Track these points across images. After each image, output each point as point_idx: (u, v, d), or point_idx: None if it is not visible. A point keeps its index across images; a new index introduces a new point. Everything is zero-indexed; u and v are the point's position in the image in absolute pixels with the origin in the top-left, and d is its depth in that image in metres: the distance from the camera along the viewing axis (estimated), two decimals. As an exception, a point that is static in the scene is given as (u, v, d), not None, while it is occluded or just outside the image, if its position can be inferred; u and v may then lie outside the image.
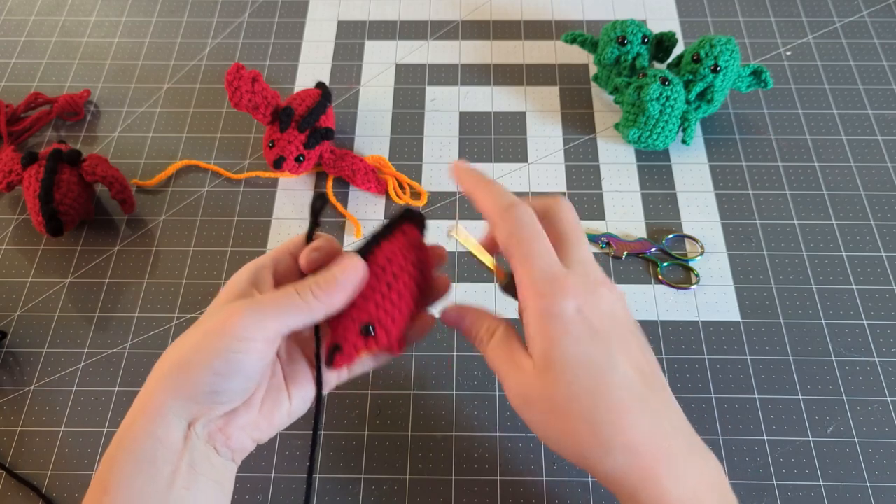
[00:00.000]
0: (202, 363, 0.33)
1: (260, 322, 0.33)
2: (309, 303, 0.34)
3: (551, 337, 0.33)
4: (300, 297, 0.34)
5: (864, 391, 0.51)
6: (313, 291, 0.35)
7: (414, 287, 0.38)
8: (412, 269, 0.38)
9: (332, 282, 0.35)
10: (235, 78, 0.57)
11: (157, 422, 0.34)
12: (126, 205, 0.58)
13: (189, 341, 0.35)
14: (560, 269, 0.34)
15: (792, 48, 0.69)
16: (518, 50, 0.70)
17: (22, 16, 0.74)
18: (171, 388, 0.34)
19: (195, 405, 0.34)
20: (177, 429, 0.34)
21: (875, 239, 0.57)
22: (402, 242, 0.38)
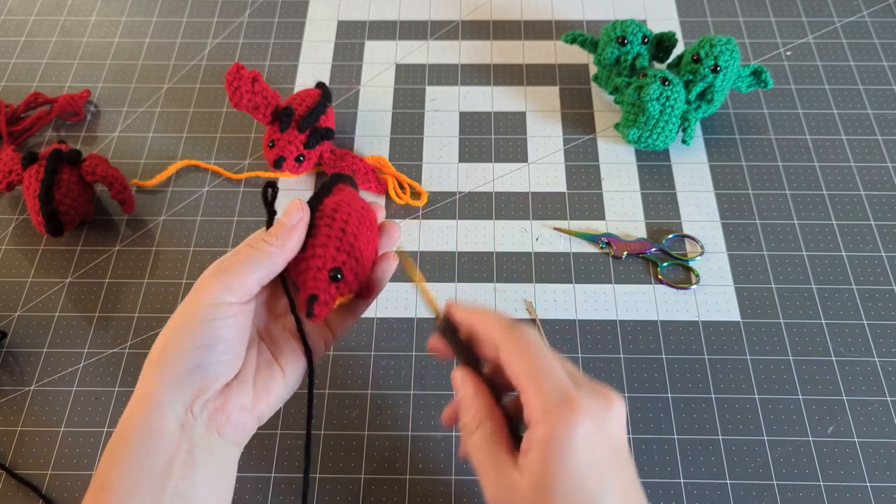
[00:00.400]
0: (182, 340, 0.34)
1: (225, 283, 0.35)
2: (264, 250, 0.36)
3: (554, 465, 0.31)
4: (255, 248, 0.36)
5: (864, 391, 0.51)
6: (266, 239, 0.36)
7: (366, 230, 0.39)
8: (359, 215, 0.39)
9: (279, 225, 0.37)
10: (235, 78, 0.57)
11: (152, 412, 0.34)
12: (126, 205, 0.58)
13: (169, 325, 0.36)
14: (571, 388, 0.32)
15: (792, 48, 0.69)
16: (518, 50, 0.70)
17: (22, 16, 0.74)
18: (159, 374, 0.34)
19: (186, 386, 0.34)
20: (172, 417, 0.34)
21: (875, 239, 0.57)
22: (341, 196, 0.40)
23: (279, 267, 0.37)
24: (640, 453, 0.49)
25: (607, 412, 0.32)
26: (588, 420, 0.31)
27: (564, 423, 0.31)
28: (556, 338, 0.53)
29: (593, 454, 0.31)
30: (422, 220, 0.59)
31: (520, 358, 0.34)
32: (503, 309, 0.55)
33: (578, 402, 0.31)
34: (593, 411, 0.32)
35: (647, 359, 0.52)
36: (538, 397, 0.32)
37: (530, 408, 0.32)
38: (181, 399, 0.34)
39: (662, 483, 0.48)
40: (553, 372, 0.33)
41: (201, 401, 0.35)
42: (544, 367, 0.33)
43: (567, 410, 0.31)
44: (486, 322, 0.36)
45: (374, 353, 0.53)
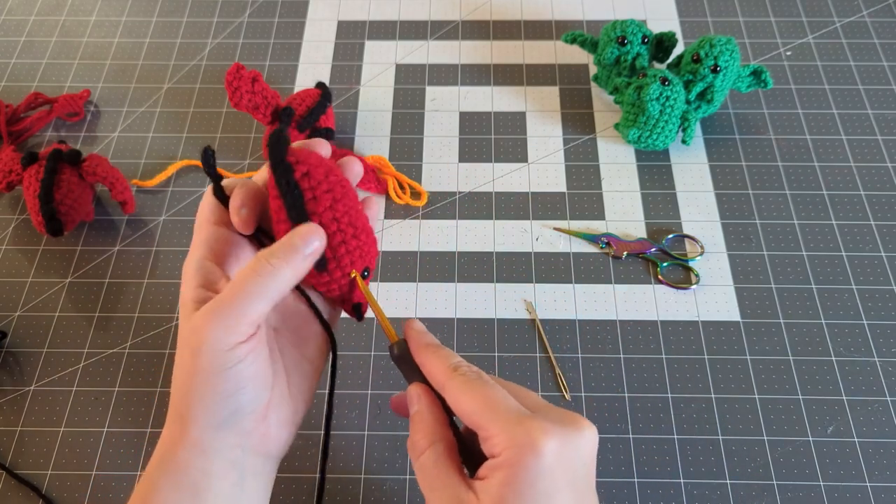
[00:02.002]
0: (208, 394, 0.32)
1: (225, 326, 0.31)
2: (268, 274, 0.31)
3: (515, 490, 0.30)
4: (257, 273, 0.31)
5: (864, 391, 0.51)
6: (272, 262, 0.32)
7: (359, 208, 0.36)
8: (351, 196, 0.35)
9: (290, 248, 0.32)
10: (235, 78, 0.57)
11: (204, 456, 0.33)
12: (126, 205, 0.58)
13: (185, 371, 0.32)
14: (526, 413, 0.31)
15: (792, 48, 0.69)
16: (518, 50, 0.70)
17: (22, 16, 0.74)
18: (195, 425, 0.33)
19: (228, 429, 0.33)
20: (225, 460, 0.33)
21: (875, 239, 0.57)
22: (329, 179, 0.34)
23: (285, 293, 0.32)
24: (640, 453, 0.49)
25: (574, 439, 0.31)
26: (552, 447, 0.30)
27: (528, 450, 0.30)
28: (556, 338, 0.53)
29: (554, 482, 0.30)
30: (422, 220, 0.59)
31: (467, 397, 0.32)
32: (502, 310, 0.55)
33: (539, 430, 0.30)
34: (557, 438, 0.30)
35: (647, 359, 0.52)
36: (496, 428, 0.31)
37: (490, 441, 0.31)
38: (227, 440, 0.33)
39: (662, 483, 0.48)
40: (505, 402, 0.32)
41: (245, 436, 0.33)
42: (495, 399, 0.32)
43: (525, 434, 0.30)
44: (430, 365, 0.34)
45: (374, 353, 0.53)
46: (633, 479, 0.48)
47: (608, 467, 0.48)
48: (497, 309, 0.55)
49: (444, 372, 0.33)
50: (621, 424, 0.50)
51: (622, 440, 0.49)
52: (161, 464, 0.34)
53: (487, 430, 0.31)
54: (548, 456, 0.30)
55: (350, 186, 0.35)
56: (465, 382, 0.32)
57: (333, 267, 0.35)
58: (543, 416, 0.31)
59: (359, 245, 0.35)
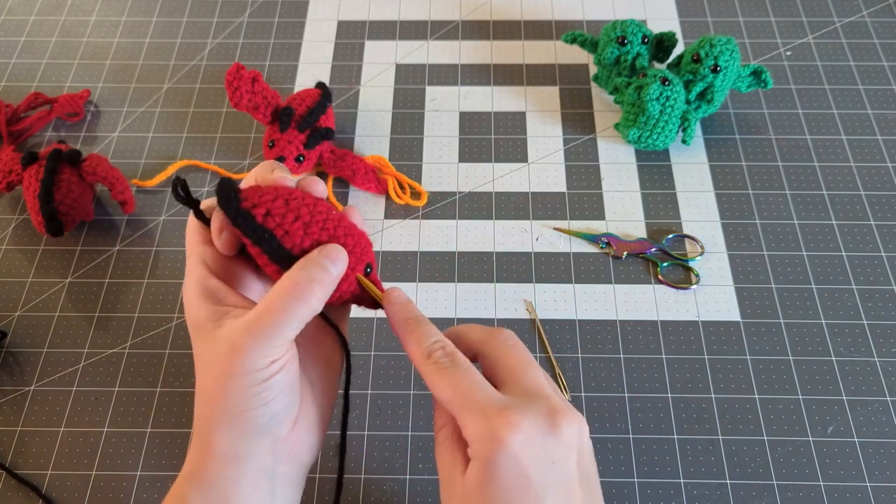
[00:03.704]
0: (245, 404, 0.32)
1: (268, 345, 0.31)
2: (305, 301, 0.32)
3: (480, 480, 0.31)
4: (295, 298, 0.32)
5: (864, 391, 0.51)
6: (313, 291, 0.32)
7: (341, 221, 0.35)
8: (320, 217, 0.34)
9: (325, 273, 0.33)
10: (235, 78, 0.57)
11: (234, 465, 0.33)
12: (126, 205, 0.58)
13: (216, 385, 0.32)
14: (495, 407, 0.31)
15: (792, 48, 0.69)
16: (518, 50, 0.70)
17: (22, 16, 0.74)
18: (232, 434, 0.33)
19: (262, 438, 0.33)
20: (257, 468, 0.33)
21: (875, 239, 0.57)
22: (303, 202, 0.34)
23: (318, 311, 0.33)
24: (640, 453, 0.49)
25: (550, 434, 0.31)
26: (519, 439, 0.30)
27: (490, 441, 0.31)
28: (556, 338, 0.53)
29: (523, 472, 0.30)
30: (422, 220, 0.59)
31: (439, 386, 0.33)
32: (502, 311, 0.55)
33: (505, 426, 0.30)
34: (527, 430, 0.31)
35: (647, 359, 0.52)
36: (465, 420, 0.32)
37: (464, 431, 0.32)
38: (261, 448, 0.33)
39: (662, 483, 0.48)
40: (476, 394, 0.32)
41: (279, 442, 0.33)
42: (466, 389, 0.32)
43: (489, 430, 0.31)
44: (406, 346, 0.35)
45: (374, 353, 0.53)
46: (633, 479, 0.48)
47: (608, 467, 0.48)
48: (497, 309, 0.55)
49: (419, 358, 0.34)
50: (621, 424, 0.50)
51: (622, 440, 0.49)
52: (190, 478, 0.33)
53: (459, 421, 0.32)
54: (513, 448, 0.30)
55: (316, 199, 0.35)
56: (437, 371, 0.33)
57: None
58: (520, 407, 0.31)
59: (352, 248, 0.35)
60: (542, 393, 0.33)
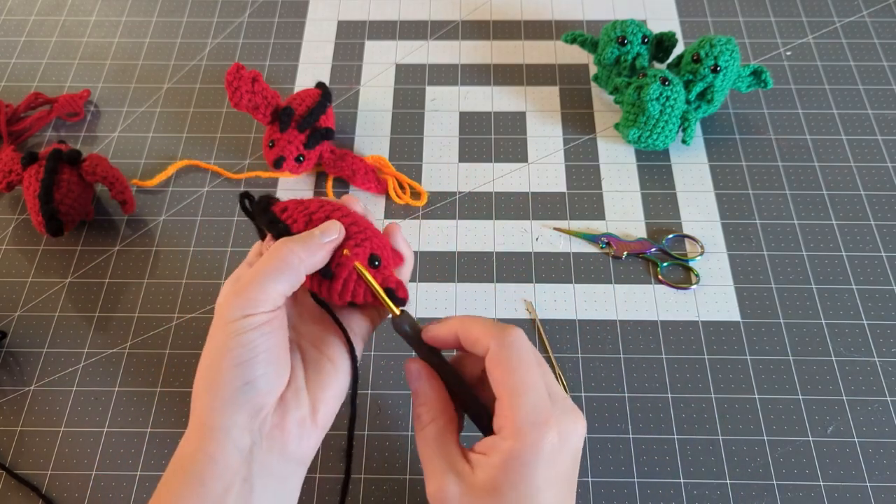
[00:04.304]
0: (221, 362, 0.33)
1: (245, 297, 0.33)
2: (287, 261, 0.34)
3: (514, 478, 0.32)
4: (277, 258, 0.34)
5: (864, 391, 0.51)
6: (293, 249, 0.35)
7: (360, 217, 0.39)
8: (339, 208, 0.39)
9: (311, 237, 0.35)
10: (235, 78, 0.57)
11: (205, 438, 0.33)
12: (126, 205, 0.58)
13: (204, 353, 0.34)
14: (548, 410, 0.33)
15: (792, 48, 0.69)
16: (518, 50, 0.70)
17: (22, 16, 0.74)
18: (208, 401, 0.33)
19: (238, 406, 0.33)
20: (228, 441, 0.33)
21: (875, 239, 0.57)
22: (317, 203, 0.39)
23: (301, 279, 0.35)
24: (640, 453, 0.49)
25: (572, 432, 0.33)
26: (555, 440, 0.32)
27: (534, 443, 0.32)
28: (556, 338, 0.53)
29: (554, 471, 0.32)
30: (422, 220, 0.59)
31: (505, 369, 0.34)
32: (502, 312, 0.55)
33: (552, 425, 0.32)
34: (562, 431, 0.33)
35: (647, 359, 0.52)
36: (515, 412, 0.33)
37: (504, 418, 0.33)
38: (236, 421, 0.33)
39: (662, 483, 0.48)
40: (536, 391, 0.33)
41: (258, 420, 0.33)
42: (528, 383, 0.33)
43: (539, 435, 0.32)
44: (476, 326, 0.35)
45: (374, 353, 0.53)
46: (633, 479, 0.48)
47: (608, 467, 0.48)
48: (497, 309, 0.55)
49: (501, 336, 0.34)
50: (621, 424, 0.50)
51: (622, 440, 0.49)
52: (176, 457, 0.34)
53: (507, 411, 0.33)
54: (546, 452, 0.32)
55: (330, 201, 0.39)
56: (510, 350, 0.34)
57: (335, 266, 0.36)
58: (555, 413, 0.33)
59: (356, 237, 0.37)
60: (545, 419, 0.33)
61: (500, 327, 0.35)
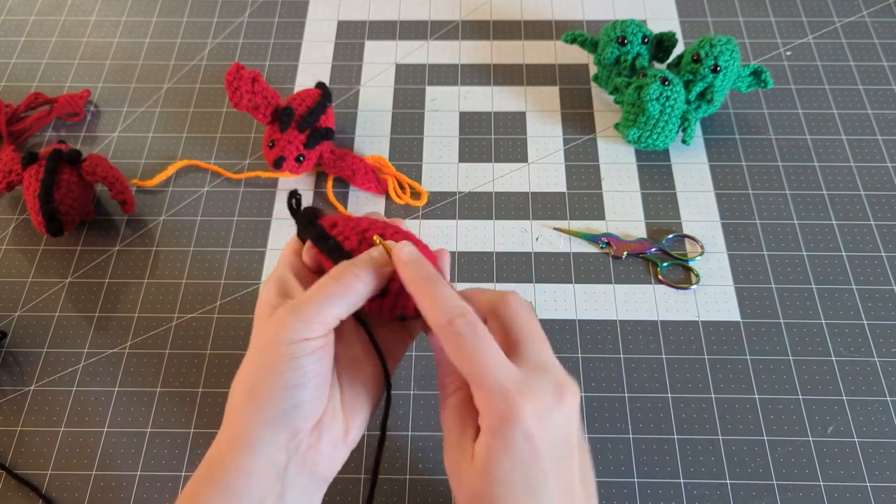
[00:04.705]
0: (272, 381, 0.33)
1: (304, 321, 0.33)
2: (350, 286, 0.34)
3: (493, 453, 0.32)
4: (339, 281, 0.34)
5: (864, 391, 0.51)
6: (356, 273, 0.34)
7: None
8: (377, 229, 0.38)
9: (371, 259, 0.35)
10: (235, 78, 0.57)
11: (244, 452, 0.33)
12: (126, 205, 0.58)
13: (251, 364, 0.34)
14: (513, 384, 0.32)
15: (792, 48, 0.69)
16: (518, 50, 0.70)
17: (22, 16, 0.74)
18: (251, 415, 0.33)
19: (282, 427, 0.33)
20: (265, 459, 0.33)
21: (875, 239, 0.57)
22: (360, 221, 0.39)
23: (361, 301, 0.35)
24: (640, 453, 0.49)
25: (557, 408, 0.32)
26: (531, 415, 0.31)
27: (503, 422, 0.32)
28: (556, 338, 0.53)
29: (534, 449, 0.32)
30: (422, 220, 0.59)
31: (459, 357, 0.33)
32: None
33: (517, 399, 0.32)
34: (537, 404, 0.32)
35: (647, 359, 0.52)
36: (481, 395, 0.32)
37: (477, 402, 0.33)
38: (276, 440, 0.33)
39: (662, 483, 0.48)
40: (495, 370, 0.32)
41: (295, 440, 0.33)
42: (485, 365, 0.32)
43: (508, 409, 0.31)
44: (426, 309, 0.34)
45: (374, 353, 0.53)
46: (633, 479, 0.48)
47: (608, 467, 0.48)
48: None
49: (440, 324, 0.33)
50: (621, 424, 0.50)
51: (622, 440, 0.49)
52: (205, 471, 0.34)
53: (474, 391, 0.33)
54: (527, 423, 0.31)
55: (380, 219, 0.39)
56: (456, 340, 0.33)
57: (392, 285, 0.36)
58: (533, 384, 0.32)
59: None
60: (551, 367, 0.34)
61: (448, 316, 0.34)
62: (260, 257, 0.57)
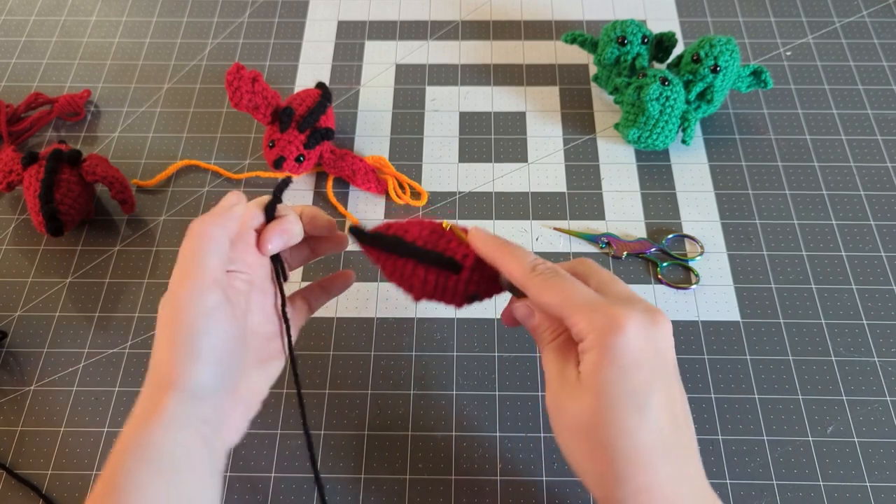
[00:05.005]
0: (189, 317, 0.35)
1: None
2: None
3: (598, 364, 0.33)
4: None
5: (864, 391, 0.51)
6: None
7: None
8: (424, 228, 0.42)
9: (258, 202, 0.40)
10: (235, 78, 0.57)
11: (174, 424, 0.34)
12: (126, 205, 0.58)
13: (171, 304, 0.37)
14: (607, 302, 0.34)
15: (792, 48, 0.69)
16: (518, 50, 0.70)
17: (22, 16, 0.74)
18: (182, 384, 0.34)
19: (205, 399, 0.35)
20: (193, 430, 0.34)
21: (875, 239, 0.57)
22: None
23: (237, 228, 0.38)
24: (640, 453, 0.49)
25: (652, 327, 0.34)
26: (633, 327, 0.33)
27: (607, 329, 0.33)
28: (556, 338, 0.53)
29: (639, 356, 0.33)
30: (422, 220, 0.59)
31: (548, 294, 0.35)
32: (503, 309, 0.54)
33: (618, 314, 0.33)
34: (637, 321, 0.33)
35: (647, 359, 0.52)
36: (577, 317, 0.34)
37: (575, 329, 0.34)
38: (201, 412, 0.35)
39: (662, 483, 0.47)
40: (582, 293, 0.35)
41: (219, 409, 0.36)
42: (572, 291, 0.35)
43: (607, 320, 0.33)
44: (508, 266, 0.37)
45: (374, 353, 0.53)
46: (633, 479, 0.48)
47: (608, 467, 0.48)
48: (497, 309, 0.55)
49: (524, 273, 0.37)
50: (621, 424, 0.50)
51: (622, 440, 0.49)
52: (133, 445, 0.33)
53: (570, 319, 0.35)
54: (629, 334, 0.33)
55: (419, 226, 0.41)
56: (543, 281, 0.36)
57: (461, 257, 0.39)
58: (622, 303, 0.34)
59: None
60: (637, 299, 0.36)
61: (529, 266, 0.37)
62: (260, 257, 0.57)
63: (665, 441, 0.33)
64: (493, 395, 0.51)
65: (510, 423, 0.50)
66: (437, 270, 0.39)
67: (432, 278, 0.39)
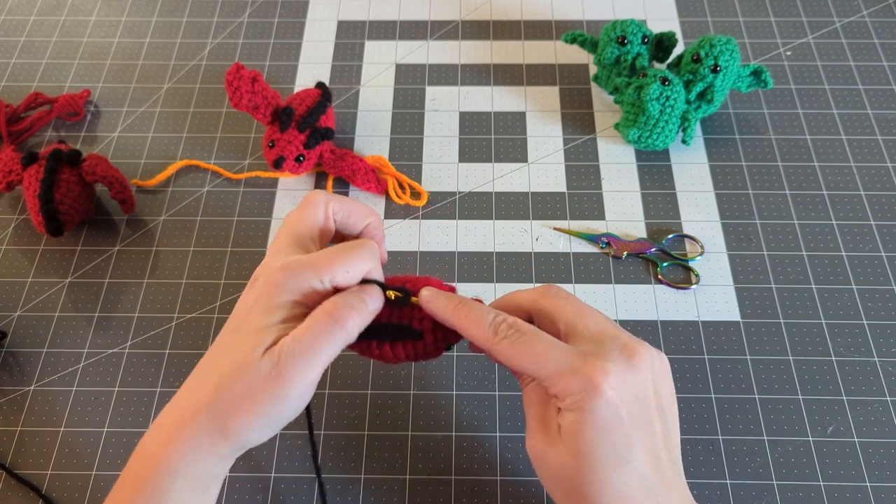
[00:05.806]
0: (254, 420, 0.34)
1: (310, 366, 0.35)
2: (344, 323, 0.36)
3: (576, 426, 0.33)
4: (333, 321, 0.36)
5: (864, 391, 0.51)
6: (352, 316, 0.36)
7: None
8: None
9: (363, 301, 0.37)
10: (235, 78, 0.57)
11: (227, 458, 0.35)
12: (126, 205, 0.58)
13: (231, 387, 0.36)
14: (578, 359, 0.33)
15: (792, 48, 0.69)
16: (518, 50, 0.70)
17: (22, 16, 0.74)
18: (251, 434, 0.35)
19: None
20: (217, 465, 0.35)
21: (875, 239, 0.57)
22: None
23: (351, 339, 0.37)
24: (640, 453, 0.49)
25: (629, 372, 0.33)
26: (609, 384, 0.32)
27: (582, 393, 0.33)
28: (556, 338, 0.53)
29: (619, 411, 0.33)
30: (422, 220, 0.59)
31: (517, 360, 0.34)
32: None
33: (594, 370, 0.33)
34: (613, 375, 0.33)
35: (647, 359, 0.52)
36: (553, 380, 0.33)
37: (555, 390, 0.34)
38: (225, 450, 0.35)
39: (662, 483, 0.47)
40: (553, 352, 0.34)
41: None
42: (542, 353, 0.34)
43: (580, 383, 0.33)
44: (469, 332, 0.36)
45: (374, 353, 0.53)
46: (633, 479, 0.48)
47: (608, 467, 0.48)
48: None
49: (487, 339, 0.35)
50: (621, 424, 0.50)
51: (622, 440, 0.49)
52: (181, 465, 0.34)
53: (545, 383, 0.34)
54: (606, 394, 0.33)
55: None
56: (510, 345, 0.35)
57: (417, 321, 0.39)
58: (599, 353, 0.33)
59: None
60: (610, 334, 0.35)
61: (491, 328, 0.36)
62: (260, 257, 0.57)
63: (649, 486, 0.33)
64: (493, 395, 0.51)
65: (510, 423, 0.50)
66: (402, 342, 0.39)
67: (400, 350, 0.39)
